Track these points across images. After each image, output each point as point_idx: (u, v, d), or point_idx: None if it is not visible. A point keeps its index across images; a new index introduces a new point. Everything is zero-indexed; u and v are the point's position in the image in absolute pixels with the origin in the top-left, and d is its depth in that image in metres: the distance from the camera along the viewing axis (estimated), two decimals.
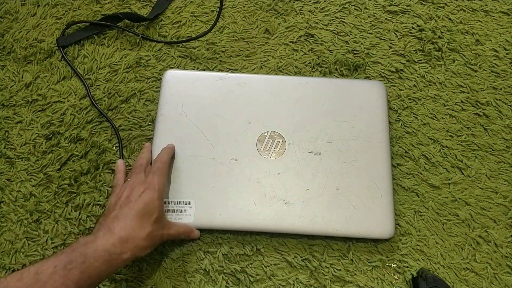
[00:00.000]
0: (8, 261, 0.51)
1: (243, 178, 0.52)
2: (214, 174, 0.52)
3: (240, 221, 0.50)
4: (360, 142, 0.53)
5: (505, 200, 0.55)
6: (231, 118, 0.54)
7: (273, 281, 0.50)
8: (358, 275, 0.51)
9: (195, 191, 0.51)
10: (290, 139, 0.53)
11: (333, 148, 0.53)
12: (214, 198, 0.51)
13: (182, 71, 0.59)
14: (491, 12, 0.65)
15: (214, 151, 0.53)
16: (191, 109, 0.55)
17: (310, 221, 0.50)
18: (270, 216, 0.50)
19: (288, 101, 0.55)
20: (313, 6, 0.66)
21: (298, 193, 0.51)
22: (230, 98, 0.56)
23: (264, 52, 0.63)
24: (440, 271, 0.51)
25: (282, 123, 0.54)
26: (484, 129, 0.58)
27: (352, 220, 0.50)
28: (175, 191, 0.51)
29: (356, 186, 0.51)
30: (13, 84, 0.61)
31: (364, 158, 0.52)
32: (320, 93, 0.56)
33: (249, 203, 0.50)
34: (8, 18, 0.65)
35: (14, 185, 0.55)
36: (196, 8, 0.66)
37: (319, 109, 0.55)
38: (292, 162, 0.52)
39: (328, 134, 0.53)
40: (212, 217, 0.50)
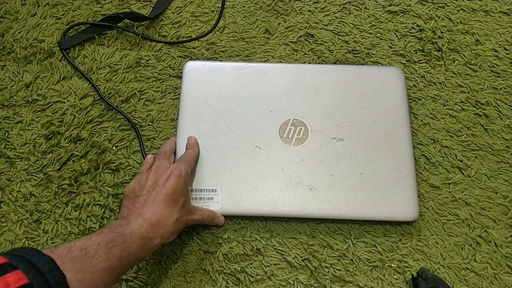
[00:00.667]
0: None
1: (267, 165, 0.52)
2: (238, 162, 0.53)
3: (267, 207, 0.51)
4: (381, 127, 0.54)
5: (505, 200, 0.55)
6: (253, 107, 0.55)
7: (273, 281, 0.50)
8: (358, 275, 0.51)
9: (221, 179, 0.52)
10: (312, 126, 0.54)
11: (355, 134, 0.54)
12: (239, 185, 0.52)
13: (202, 62, 0.60)
14: (491, 12, 0.65)
15: (237, 140, 0.54)
16: (212, 99, 0.56)
17: (335, 206, 0.51)
18: (296, 202, 0.51)
19: (309, 88, 0.56)
20: (313, 6, 0.66)
21: (323, 179, 0.52)
22: (251, 87, 0.56)
23: (264, 52, 0.63)
24: (440, 271, 0.51)
25: (303, 111, 0.55)
26: (484, 129, 0.58)
27: (377, 203, 0.51)
28: (202, 180, 0.52)
29: (379, 170, 0.52)
30: (13, 84, 0.61)
31: (386, 143, 0.53)
32: (340, 80, 0.57)
33: (274, 189, 0.51)
34: (8, 18, 0.65)
35: (14, 185, 0.55)
36: (196, 8, 0.66)
37: (339, 96, 0.56)
38: (315, 148, 0.53)
39: (350, 120, 0.54)
40: (239, 204, 0.51)
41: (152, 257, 0.51)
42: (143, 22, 0.65)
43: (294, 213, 0.51)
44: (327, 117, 0.55)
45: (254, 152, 0.53)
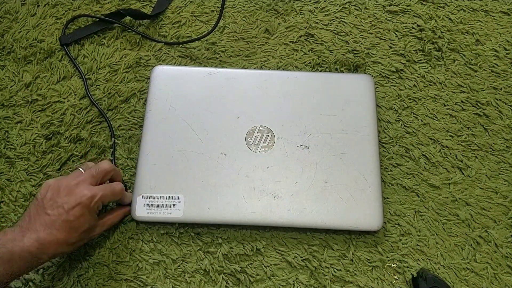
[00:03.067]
0: None
1: (232, 173, 0.52)
2: (203, 169, 0.52)
3: (230, 215, 0.50)
4: (348, 135, 0.54)
5: (505, 200, 0.55)
6: (220, 113, 0.55)
7: (273, 281, 0.50)
8: (358, 275, 0.51)
9: (184, 186, 0.51)
10: (279, 133, 0.54)
11: (321, 142, 0.53)
12: (203, 192, 0.51)
13: (170, 66, 0.59)
14: (491, 12, 0.65)
15: (203, 146, 0.53)
16: (179, 105, 0.55)
17: (299, 214, 0.50)
18: (259, 210, 0.50)
19: (277, 95, 0.56)
20: (313, 6, 0.66)
21: (287, 187, 0.51)
22: (219, 93, 0.56)
23: (264, 52, 0.63)
24: (440, 271, 0.51)
25: (270, 118, 0.55)
26: (484, 129, 0.58)
27: (341, 212, 0.50)
28: (164, 186, 0.51)
29: (344, 179, 0.52)
30: (13, 84, 0.61)
31: (352, 151, 0.53)
32: (308, 87, 0.56)
33: (238, 197, 0.51)
34: (8, 18, 0.65)
35: (14, 185, 0.55)
36: (196, 8, 0.66)
37: (307, 103, 0.56)
38: (281, 156, 0.53)
39: (317, 127, 0.54)
40: (202, 212, 0.50)
41: (152, 257, 0.51)
42: (143, 21, 0.64)
43: (257, 222, 0.50)
44: (294, 124, 0.54)
45: (219, 159, 0.52)
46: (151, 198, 0.51)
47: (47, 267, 0.51)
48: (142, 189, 0.51)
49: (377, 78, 0.61)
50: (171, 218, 0.50)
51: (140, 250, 0.52)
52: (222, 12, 0.57)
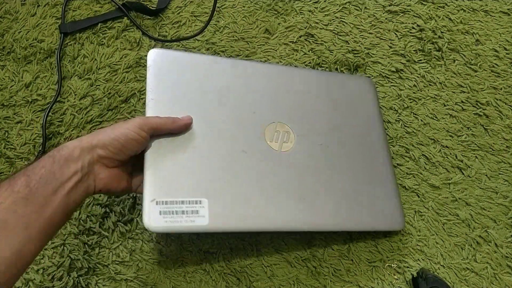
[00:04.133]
0: None
1: (257, 173, 0.46)
2: (224, 169, 0.45)
3: (263, 221, 0.44)
4: (359, 135, 0.53)
5: (505, 200, 0.55)
6: (232, 106, 0.49)
7: (273, 281, 0.50)
8: (358, 275, 0.51)
9: (206, 188, 0.43)
10: (298, 131, 0.50)
11: (339, 141, 0.51)
12: (228, 196, 0.44)
13: (169, 50, 0.52)
14: (491, 12, 0.65)
15: (219, 143, 0.46)
16: (185, 94, 0.48)
17: (329, 217, 0.47)
18: (291, 215, 0.45)
19: (289, 91, 0.52)
20: (313, 6, 0.66)
21: (314, 188, 0.47)
22: (228, 84, 0.50)
23: (264, 52, 0.63)
24: (440, 271, 0.51)
25: (287, 114, 0.51)
26: (484, 129, 0.58)
27: (366, 214, 0.48)
28: (182, 189, 0.43)
29: (365, 180, 0.50)
30: (13, 84, 0.61)
31: (367, 151, 0.52)
32: (316, 85, 0.55)
33: (268, 201, 0.45)
34: (8, 18, 0.65)
35: None
36: (196, 8, 0.66)
37: (319, 102, 0.53)
38: (304, 155, 0.49)
39: (332, 126, 0.52)
40: (230, 218, 0.43)
41: (152, 257, 0.51)
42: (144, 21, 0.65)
43: (290, 227, 0.46)
44: (311, 122, 0.51)
45: (241, 157, 0.46)
46: (168, 203, 0.41)
47: (47, 267, 0.51)
48: (154, 193, 0.42)
49: (377, 78, 0.61)
50: (195, 227, 0.41)
51: (140, 250, 0.52)
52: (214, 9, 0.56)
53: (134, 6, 0.64)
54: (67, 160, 0.38)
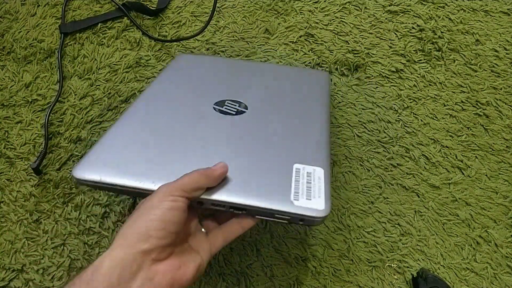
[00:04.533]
0: (8, 261, 0.51)
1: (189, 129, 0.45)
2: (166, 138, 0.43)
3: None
4: (298, 113, 0.49)
5: (505, 200, 0.55)
6: (194, 96, 0.49)
7: (273, 281, 0.50)
8: (358, 275, 0.51)
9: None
10: (247, 105, 0.48)
11: (276, 118, 0.48)
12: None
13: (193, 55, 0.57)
14: (491, 12, 0.65)
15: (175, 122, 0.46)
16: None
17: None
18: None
19: (252, 81, 0.53)
20: (313, 6, 0.66)
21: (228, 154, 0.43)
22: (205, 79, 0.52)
23: (264, 52, 0.63)
24: (440, 271, 0.51)
25: (239, 94, 0.50)
26: (484, 129, 0.58)
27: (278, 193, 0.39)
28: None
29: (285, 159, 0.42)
30: (13, 84, 0.61)
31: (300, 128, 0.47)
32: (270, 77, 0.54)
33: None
34: (8, 18, 0.65)
35: (14, 185, 0.55)
36: (196, 8, 0.66)
37: (274, 87, 0.52)
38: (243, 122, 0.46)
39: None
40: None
41: None
42: (144, 21, 0.65)
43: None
44: (259, 100, 0.50)
45: (184, 120, 0.46)
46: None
47: (47, 266, 0.51)
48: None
49: (377, 78, 0.61)
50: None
51: None
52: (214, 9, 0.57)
53: (134, 6, 0.64)
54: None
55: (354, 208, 0.54)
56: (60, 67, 0.60)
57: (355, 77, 0.61)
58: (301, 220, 0.36)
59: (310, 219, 0.36)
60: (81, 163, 0.39)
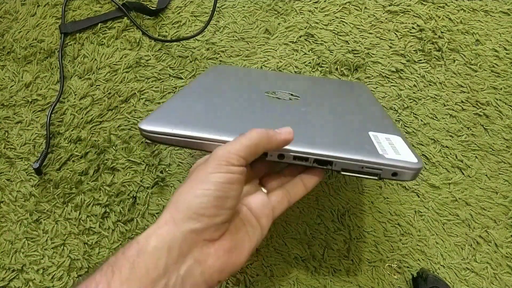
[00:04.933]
0: (8, 261, 0.51)
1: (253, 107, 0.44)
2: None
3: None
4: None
5: (505, 200, 0.55)
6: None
7: (273, 281, 0.50)
8: (358, 275, 0.51)
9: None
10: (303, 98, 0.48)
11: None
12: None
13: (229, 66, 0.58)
14: (491, 12, 0.65)
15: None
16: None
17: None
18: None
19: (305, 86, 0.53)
20: (313, 6, 0.66)
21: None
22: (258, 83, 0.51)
23: (264, 52, 0.63)
24: (440, 271, 0.51)
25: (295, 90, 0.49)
26: (484, 129, 0.58)
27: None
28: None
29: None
30: (13, 84, 0.61)
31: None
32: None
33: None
34: (8, 18, 0.65)
35: (14, 185, 0.55)
36: (196, 8, 0.66)
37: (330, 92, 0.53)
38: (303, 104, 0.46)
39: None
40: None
41: None
42: (144, 21, 0.65)
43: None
44: (314, 95, 0.50)
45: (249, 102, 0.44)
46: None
47: (47, 266, 0.51)
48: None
49: (377, 78, 0.61)
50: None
51: None
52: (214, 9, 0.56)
53: (134, 6, 0.64)
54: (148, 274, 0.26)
55: (354, 208, 0.54)
56: (61, 67, 0.60)
57: (355, 77, 0.61)
58: (394, 174, 0.34)
59: (404, 171, 0.34)
60: (148, 118, 0.36)
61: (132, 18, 0.64)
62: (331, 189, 0.55)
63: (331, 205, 0.54)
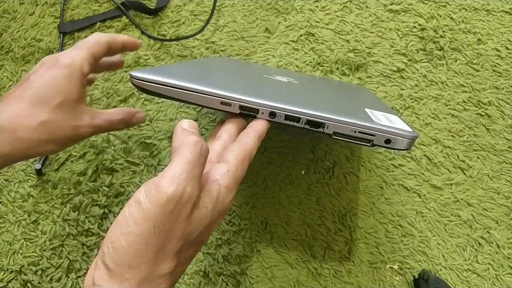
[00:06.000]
0: (6, 262, 0.51)
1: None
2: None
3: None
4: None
5: (507, 201, 0.54)
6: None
7: (274, 282, 0.50)
8: (359, 276, 0.50)
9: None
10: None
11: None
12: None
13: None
14: (493, 11, 0.65)
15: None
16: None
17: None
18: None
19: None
20: (314, 5, 0.65)
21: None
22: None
23: (264, 51, 0.62)
24: (441, 273, 0.51)
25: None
26: (486, 129, 0.58)
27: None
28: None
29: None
30: (11, 84, 0.60)
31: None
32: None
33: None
34: (6, 17, 0.64)
35: (12, 186, 0.55)
36: (195, 7, 0.65)
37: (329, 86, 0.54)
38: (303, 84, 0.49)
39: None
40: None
41: None
42: (143, 20, 0.64)
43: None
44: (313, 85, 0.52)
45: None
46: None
47: (45, 268, 0.51)
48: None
49: (379, 77, 0.61)
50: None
51: None
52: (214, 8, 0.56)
53: (133, 5, 0.63)
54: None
55: (355, 209, 0.54)
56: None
57: (356, 77, 0.61)
58: (388, 141, 0.34)
59: (398, 138, 0.34)
60: (140, 70, 0.37)
61: (131, 17, 0.63)
62: (332, 190, 0.54)
63: (332, 206, 0.54)
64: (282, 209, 0.54)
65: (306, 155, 0.56)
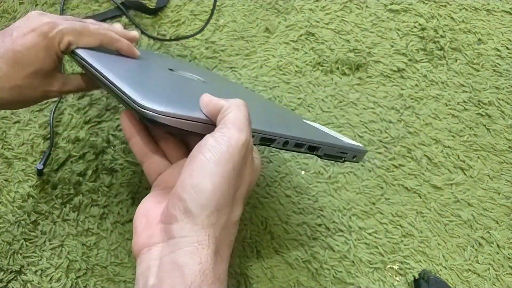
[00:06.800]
0: (6, 262, 0.51)
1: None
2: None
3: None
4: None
5: (508, 201, 0.54)
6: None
7: (274, 283, 0.50)
8: (359, 277, 0.50)
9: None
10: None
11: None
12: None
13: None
14: (494, 11, 0.65)
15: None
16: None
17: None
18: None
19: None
20: (314, 5, 0.65)
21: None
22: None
23: (264, 51, 0.62)
24: (442, 273, 0.51)
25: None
26: (486, 129, 0.58)
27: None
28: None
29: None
30: None
31: None
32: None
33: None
34: (6, 17, 0.64)
35: (11, 186, 0.55)
36: (195, 7, 0.65)
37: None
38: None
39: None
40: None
41: None
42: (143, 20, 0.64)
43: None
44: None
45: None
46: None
47: (45, 268, 0.51)
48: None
49: (379, 77, 0.61)
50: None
51: None
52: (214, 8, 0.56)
53: (133, 5, 0.63)
54: None
55: (355, 209, 0.54)
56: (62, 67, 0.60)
57: (356, 77, 0.60)
58: (354, 156, 0.40)
59: (361, 154, 0.40)
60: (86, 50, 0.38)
61: (131, 17, 0.63)
62: (332, 190, 0.54)
63: (332, 206, 0.54)
64: (282, 209, 0.54)
65: (306, 155, 0.56)
